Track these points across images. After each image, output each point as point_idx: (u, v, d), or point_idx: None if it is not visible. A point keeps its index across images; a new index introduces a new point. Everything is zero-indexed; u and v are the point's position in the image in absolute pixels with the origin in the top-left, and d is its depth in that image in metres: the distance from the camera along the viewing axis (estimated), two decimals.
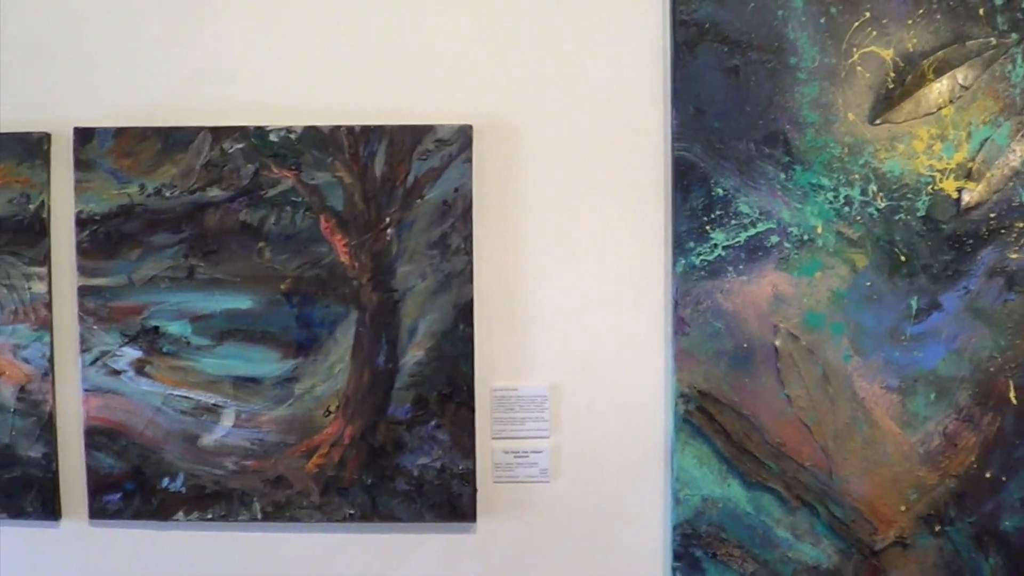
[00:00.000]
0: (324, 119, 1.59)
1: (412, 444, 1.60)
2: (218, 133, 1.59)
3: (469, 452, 1.59)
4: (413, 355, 1.59)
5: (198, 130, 1.60)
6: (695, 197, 1.58)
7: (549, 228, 1.60)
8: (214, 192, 1.60)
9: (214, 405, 1.62)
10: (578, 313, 1.60)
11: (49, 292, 1.63)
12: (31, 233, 1.63)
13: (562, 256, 1.60)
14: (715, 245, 1.59)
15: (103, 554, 1.67)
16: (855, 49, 1.58)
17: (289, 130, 1.59)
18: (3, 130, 1.63)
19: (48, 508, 1.65)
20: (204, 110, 1.61)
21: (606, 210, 1.60)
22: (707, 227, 1.59)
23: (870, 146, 1.57)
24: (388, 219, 1.59)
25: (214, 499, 1.63)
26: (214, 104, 1.62)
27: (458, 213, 1.58)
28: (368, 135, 1.58)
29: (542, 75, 1.59)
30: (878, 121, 1.57)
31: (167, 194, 1.61)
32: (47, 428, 1.64)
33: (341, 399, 1.60)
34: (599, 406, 1.61)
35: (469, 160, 1.57)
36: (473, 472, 1.60)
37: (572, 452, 1.62)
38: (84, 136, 1.61)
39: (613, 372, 1.61)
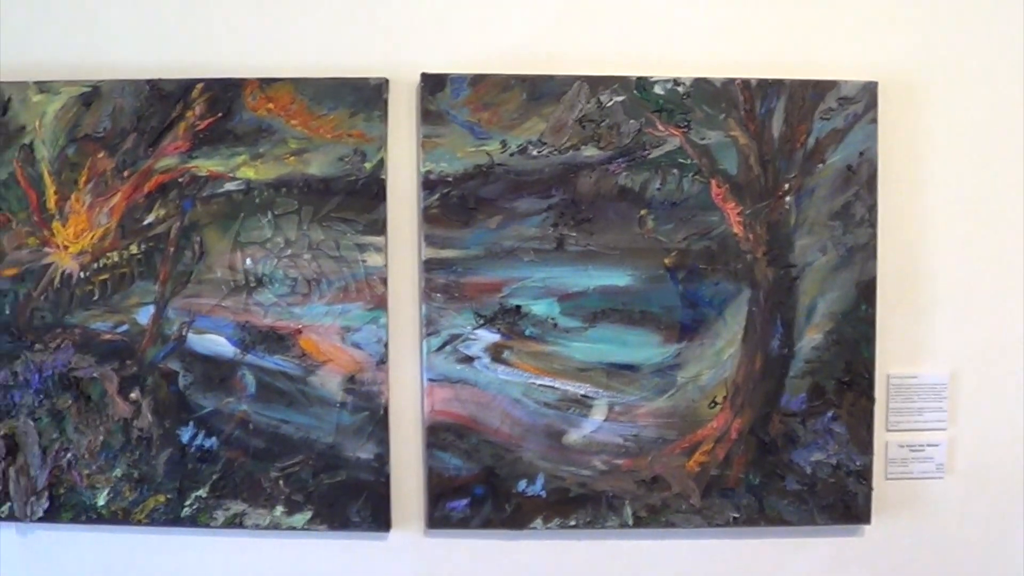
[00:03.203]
0: (714, 70, 1.40)
1: (806, 438, 1.43)
2: (595, 83, 1.38)
3: (867, 446, 1.43)
4: (810, 339, 1.42)
5: (572, 79, 1.38)
6: None
7: (957, 199, 1.44)
8: (589, 151, 1.39)
9: (583, 396, 1.41)
10: (984, 292, 1.45)
11: (386, 266, 1.40)
12: (367, 196, 1.39)
13: (970, 230, 1.45)
14: None
15: (440, 569, 1.44)
16: None
17: (677, 82, 1.39)
18: (334, 75, 1.39)
19: (379, 517, 1.42)
20: (578, 56, 1.40)
21: (1020, 180, 1.45)
22: None
23: None
24: (787, 185, 1.40)
25: (579, 504, 1.42)
26: (590, 50, 1.41)
27: (863, 180, 1.41)
28: (765, 90, 1.40)
29: (956, 27, 1.43)
30: None
31: (534, 152, 1.39)
32: (381, 425, 1.41)
33: (730, 388, 1.42)
34: (1001, 394, 1.47)
35: (875, 121, 1.40)
36: (870, 469, 1.43)
37: (969, 445, 1.47)
38: (434, 83, 1.38)
39: (1018, 357, 1.46)
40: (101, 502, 1.44)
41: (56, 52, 1.42)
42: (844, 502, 1.43)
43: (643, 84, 1.39)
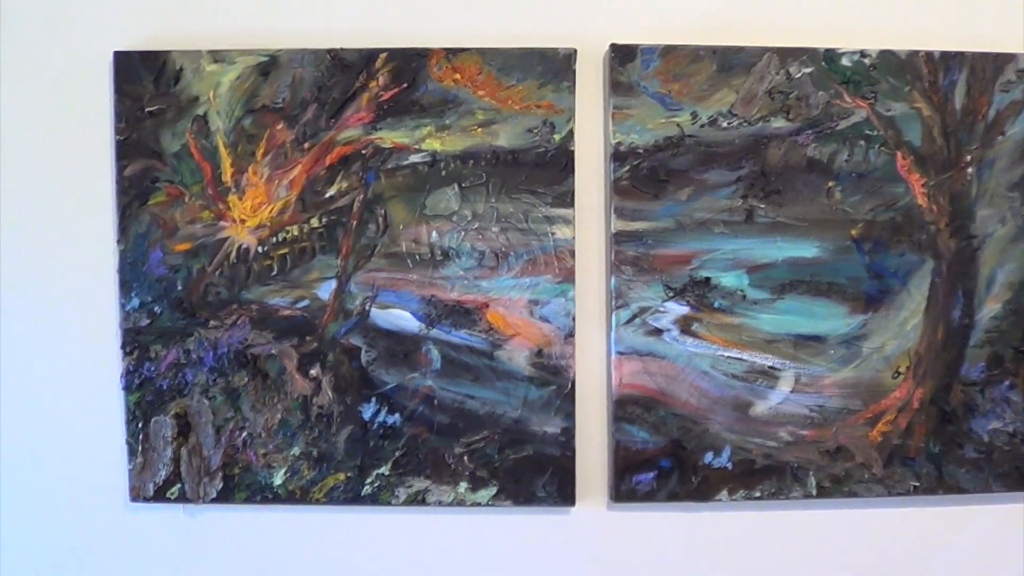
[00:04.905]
0: (897, 42, 1.41)
1: (984, 407, 1.44)
2: (784, 55, 1.38)
3: None
4: (989, 309, 1.43)
5: (763, 51, 1.38)
6: None
7: None
8: (778, 123, 1.39)
9: (771, 368, 1.41)
10: None
11: (574, 238, 1.38)
12: (556, 168, 1.38)
13: None
14: None
15: (623, 542, 1.44)
16: None
17: (863, 54, 1.39)
18: (521, 44, 1.37)
19: (564, 492, 1.41)
20: (766, 27, 1.40)
21: None
22: None
23: None
24: (969, 157, 1.42)
25: (764, 475, 1.42)
26: (778, 20, 1.40)
27: None
28: (948, 62, 1.41)
29: None
30: None
31: (724, 124, 1.39)
32: (568, 399, 1.40)
33: (912, 359, 1.43)
34: None
35: None
36: None
37: None
38: (624, 54, 1.37)
39: None
40: (278, 481, 1.41)
41: (231, 21, 1.39)
42: (1019, 469, 1.46)
43: (831, 56, 1.39)
